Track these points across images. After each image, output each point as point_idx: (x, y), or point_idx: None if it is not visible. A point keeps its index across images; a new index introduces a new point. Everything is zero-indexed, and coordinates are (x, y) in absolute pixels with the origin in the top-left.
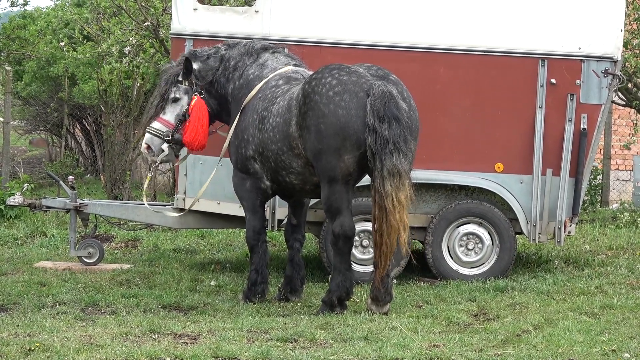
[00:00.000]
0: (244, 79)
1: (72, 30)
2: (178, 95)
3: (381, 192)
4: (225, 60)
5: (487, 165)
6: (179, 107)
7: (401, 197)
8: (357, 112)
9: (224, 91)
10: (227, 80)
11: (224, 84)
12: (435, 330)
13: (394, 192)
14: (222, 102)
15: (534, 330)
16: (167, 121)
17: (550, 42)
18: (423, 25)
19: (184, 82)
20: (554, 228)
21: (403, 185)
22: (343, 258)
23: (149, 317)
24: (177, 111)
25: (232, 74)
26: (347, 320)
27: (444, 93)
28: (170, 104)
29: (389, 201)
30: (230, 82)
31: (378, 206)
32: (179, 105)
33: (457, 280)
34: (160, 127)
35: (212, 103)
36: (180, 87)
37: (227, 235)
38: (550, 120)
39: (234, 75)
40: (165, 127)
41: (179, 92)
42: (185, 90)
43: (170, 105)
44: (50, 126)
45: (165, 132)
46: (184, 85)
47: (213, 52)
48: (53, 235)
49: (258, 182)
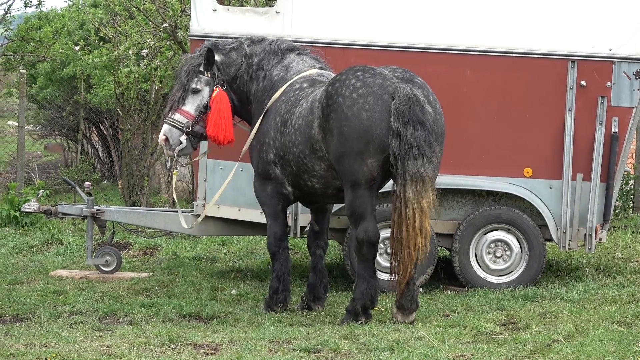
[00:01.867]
0: (268, 80)
1: (88, 31)
2: (199, 86)
3: (402, 198)
4: (248, 57)
5: (515, 170)
6: (199, 99)
7: (423, 203)
8: (382, 115)
9: (246, 89)
10: (251, 79)
11: (247, 81)
12: (463, 340)
13: (415, 199)
14: (243, 99)
15: (564, 340)
16: (187, 112)
17: (580, 43)
18: (449, 26)
19: (205, 73)
20: (584, 235)
21: (426, 191)
22: (367, 265)
23: (168, 327)
24: (198, 102)
25: (255, 72)
26: (372, 330)
27: (470, 96)
28: (191, 95)
29: (409, 208)
30: (253, 82)
31: (397, 212)
32: (199, 96)
33: (485, 288)
34: (179, 118)
35: (234, 98)
36: (201, 78)
37: (248, 242)
38: (580, 124)
39: (258, 75)
40: (185, 118)
41: (200, 83)
42: (207, 81)
43: (191, 97)
44: (66, 131)
45: (184, 124)
46: (205, 76)
47: (236, 45)
48: (69, 242)
49: (280, 188)
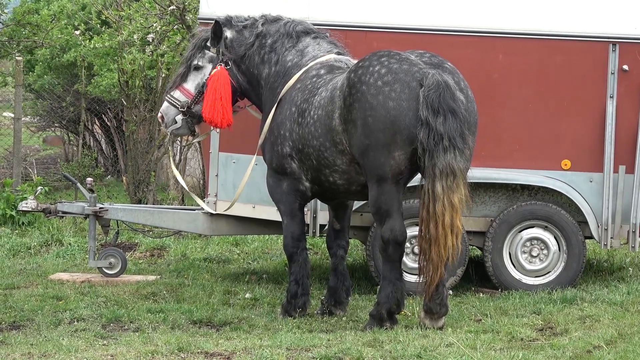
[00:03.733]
0: (281, 65)
1: (89, 14)
2: (201, 62)
3: (430, 193)
4: (261, 37)
5: (552, 162)
6: (200, 76)
7: (454, 199)
8: (409, 104)
9: (257, 72)
10: (262, 61)
11: (258, 64)
12: (496, 347)
13: (445, 194)
14: (253, 81)
15: (606, 346)
16: (187, 90)
17: (621, 25)
18: (479, 6)
19: (211, 49)
20: (627, 232)
21: (457, 186)
22: (393, 266)
23: (178, 334)
24: (198, 80)
25: (267, 55)
26: (397, 336)
27: (503, 82)
28: (193, 71)
29: (438, 204)
30: (265, 65)
31: (426, 209)
32: (200, 73)
33: (520, 290)
34: (179, 96)
35: (241, 78)
36: (205, 53)
37: (264, 242)
38: (622, 112)
39: (270, 58)
40: (185, 97)
41: (204, 59)
42: (210, 58)
43: (192, 73)
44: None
45: (182, 103)
46: (210, 52)
47: (250, 23)
48: (70, 243)
49: (296, 183)
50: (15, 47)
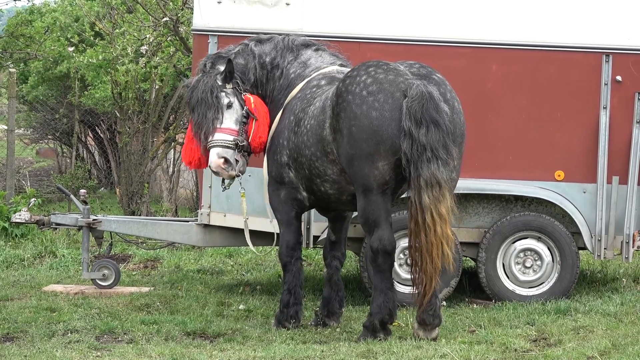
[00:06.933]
0: (285, 79)
1: (82, 26)
2: (230, 99)
3: (417, 204)
4: (258, 57)
5: (545, 173)
6: (233, 112)
7: (441, 209)
8: (392, 114)
9: (264, 92)
10: (267, 80)
11: (265, 84)
12: (490, 358)
13: (432, 205)
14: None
15: (599, 357)
16: (229, 129)
17: (615, 35)
18: (472, 17)
19: (227, 86)
20: (621, 242)
21: (443, 196)
22: (384, 276)
23: (171, 346)
24: (236, 116)
25: (270, 72)
26: (391, 347)
27: (496, 92)
28: (226, 110)
29: (427, 214)
30: (269, 82)
31: (414, 220)
32: (233, 109)
33: (513, 301)
34: (225, 137)
35: None
36: (227, 90)
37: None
38: (615, 122)
39: (273, 74)
40: (231, 135)
41: (229, 96)
42: (233, 92)
43: (227, 112)
44: (60, 134)
45: (234, 140)
46: (228, 88)
47: (240, 49)
48: (63, 255)
49: (294, 192)
50: (8, 59)
